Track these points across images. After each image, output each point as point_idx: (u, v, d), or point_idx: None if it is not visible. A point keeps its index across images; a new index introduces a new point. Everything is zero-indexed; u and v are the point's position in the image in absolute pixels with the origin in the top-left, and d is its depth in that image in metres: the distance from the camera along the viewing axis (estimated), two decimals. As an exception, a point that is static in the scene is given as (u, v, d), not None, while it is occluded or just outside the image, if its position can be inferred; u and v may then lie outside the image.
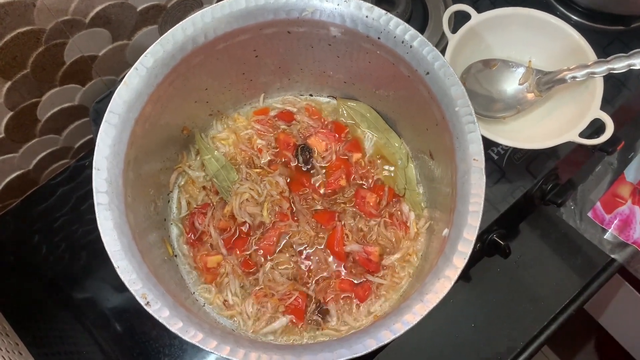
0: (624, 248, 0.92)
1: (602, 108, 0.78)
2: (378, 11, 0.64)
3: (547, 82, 0.80)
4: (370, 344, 0.53)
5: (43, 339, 0.87)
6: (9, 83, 0.75)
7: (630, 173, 0.95)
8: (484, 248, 0.87)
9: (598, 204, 0.95)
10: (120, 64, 0.89)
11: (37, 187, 0.96)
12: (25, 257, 0.93)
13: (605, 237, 0.93)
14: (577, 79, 0.77)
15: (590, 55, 0.80)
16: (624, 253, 0.92)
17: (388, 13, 0.64)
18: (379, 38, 0.65)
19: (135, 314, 0.89)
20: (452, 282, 0.56)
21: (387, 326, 0.54)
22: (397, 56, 0.65)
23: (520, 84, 0.82)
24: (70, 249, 0.93)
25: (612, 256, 0.92)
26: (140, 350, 0.87)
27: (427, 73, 0.63)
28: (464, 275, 0.84)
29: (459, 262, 0.56)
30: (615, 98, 0.89)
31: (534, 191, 0.86)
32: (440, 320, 0.90)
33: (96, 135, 0.60)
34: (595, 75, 0.76)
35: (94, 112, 0.88)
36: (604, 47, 0.92)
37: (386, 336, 0.54)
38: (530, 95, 0.82)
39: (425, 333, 0.89)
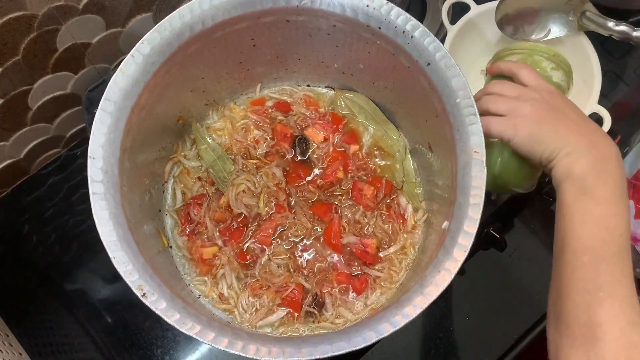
0: (618, 242, 0.92)
1: (599, 102, 0.78)
2: (379, 0, 0.63)
3: (591, 21, 0.79)
4: (370, 337, 0.53)
5: (34, 330, 0.86)
6: (0, 70, 0.74)
7: (625, 167, 0.96)
8: (480, 241, 0.86)
9: (593, 198, 0.95)
10: (114, 52, 0.87)
11: (28, 177, 0.95)
12: (16, 248, 0.92)
13: (599, 231, 0.93)
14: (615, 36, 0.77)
15: (588, 47, 0.81)
16: (618, 247, 0.92)
17: (389, 3, 0.63)
18: (379, 28, 0.64)
19: (128, 305, 0.88)
20: (453, 275, 0.56)
21: (387, 319, 0.54)
22: (397, 46, 0.65)
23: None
24: (61, 240, 0.92)
25: (607, 250, 0.92)
26: (132, 342, 0.86)
27: (428, 64, 0.63)
28: (459, 269, 0.83)
29: (460, 255, 0.56)
30: (612, 92, 0.89)
31: (530, 185, 0.86)
32: (435, 314, 0.90)
33: (89, 124, 0.59)
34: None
35: (87, 100, 0.86)
36: (602, 41, 0.92)
37: (386, 329, 0.53)
38: (567, 22, 0.81)
39: (420, 326, 0.89)
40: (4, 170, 0.89)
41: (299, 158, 0.79)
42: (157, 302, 0.54)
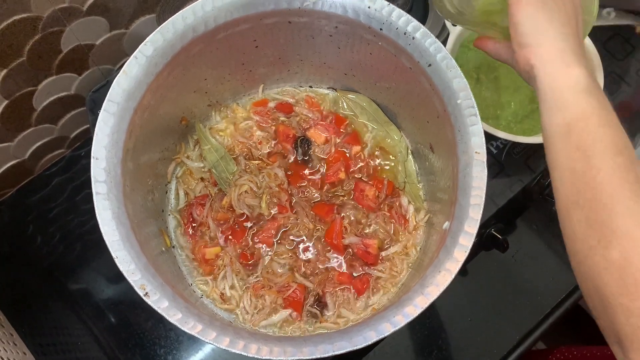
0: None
1: (602, 103, 0.77)
2: (380, 2, 0.64)
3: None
4: (371, 336, 0.53)
5: (38, 329, 0.87)
6: (5, 71, 0.74)
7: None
8: (482, 242, 0.87)
9: (595, 198, 0.95)
10: (118, 53, 0.88)
11: (32, 177, 0.95)
12: (20, 247, 0.92)
13: (601, 231, 0.93)
14: None
15: (591, 49, 0.80)
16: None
17: (390, 4, 0.64)
18: (381, 29, 0.65)
19: (131, 305, 0.88)
20: (453, 275, 0.56)
21: (388, 319, 0.54)
22: (399, 48, 0.65)
23: None
24: (65, 240, 0.92)
25: (608, 251, 0.92)
26: (135, 342, 0.87)
27: (429, 65, 0.63)
28: (461, 270, 0.84)
29: (460, 255, 0.56)
30: (615, 94, 0.89)
31: (532, 185, 0.86)
32: (437, 315, 0.90)
33: (93, 125, 0.59)
34: None
35: (91, 101, 0.87)
36: (604, 42, 0.92)
37: (387, 328, 0.53)
38: None
39: (422, 328, 0.89)
40: (9, 170, 0.89)
41: (301, 159, 0.79)
42: (159, 302, 0.54)
